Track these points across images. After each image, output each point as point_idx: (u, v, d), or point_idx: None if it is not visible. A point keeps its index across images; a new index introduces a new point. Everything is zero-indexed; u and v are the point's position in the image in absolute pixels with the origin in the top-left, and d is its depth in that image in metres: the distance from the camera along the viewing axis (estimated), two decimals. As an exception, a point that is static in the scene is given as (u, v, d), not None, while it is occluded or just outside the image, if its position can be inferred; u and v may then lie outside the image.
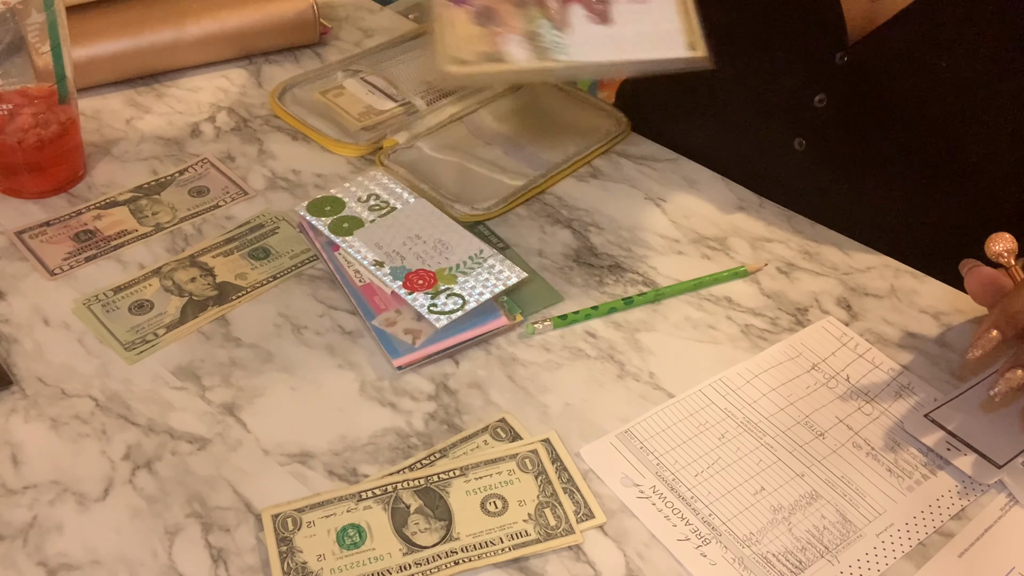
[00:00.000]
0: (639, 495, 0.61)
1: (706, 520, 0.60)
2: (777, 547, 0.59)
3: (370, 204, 0.78)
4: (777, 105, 0.86)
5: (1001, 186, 0.82)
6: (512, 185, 0.83)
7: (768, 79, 0.85)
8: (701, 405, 0.67)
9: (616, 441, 0.64)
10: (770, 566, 0.58)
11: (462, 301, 0.70)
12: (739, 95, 0.88)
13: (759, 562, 0.58)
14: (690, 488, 0.62)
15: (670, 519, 0.60)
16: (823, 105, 0.83)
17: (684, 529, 0.59)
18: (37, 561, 0.56)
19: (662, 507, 0.61)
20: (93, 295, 0.72)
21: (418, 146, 0.87)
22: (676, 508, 0.61)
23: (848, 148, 0.84)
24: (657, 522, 0.60)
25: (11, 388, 0.65)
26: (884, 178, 0.84)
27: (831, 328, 0.73)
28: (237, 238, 0.78)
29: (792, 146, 0.86)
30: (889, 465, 0.64)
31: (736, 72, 0.85)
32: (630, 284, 0.76)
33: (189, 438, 0.63)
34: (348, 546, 0.57)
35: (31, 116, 0.77)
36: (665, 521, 0.60)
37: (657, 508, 0.60)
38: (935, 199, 0.83)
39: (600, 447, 0.64)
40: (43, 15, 0.74)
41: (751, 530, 0.60)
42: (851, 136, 0.83)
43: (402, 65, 0.96)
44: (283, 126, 0.90)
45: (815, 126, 0.84)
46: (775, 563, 0.58)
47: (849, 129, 0.83)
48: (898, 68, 0.79)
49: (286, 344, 0.70)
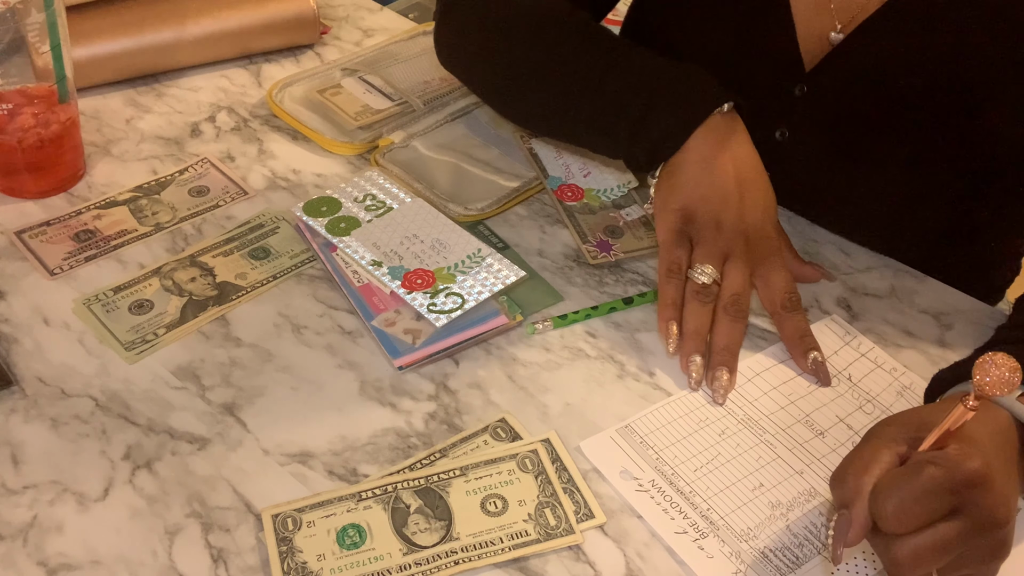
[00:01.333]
0: (638, 488, 0.61)
1: (704, 514, 0.60)
2: (775, 542, 0.59)
3: (367, 204, 0.78)
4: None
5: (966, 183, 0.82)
6: (507, 186, 0.83)
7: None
8: (702, 402, 0.67)
9: (616, 435, 0.64)
10: (767, 561, 0.58)
11: (461, 300, 0.70)
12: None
13: (756, 557, 0.58)
14: (689, 483, 0.62)
15: (668, 512, 0.60)
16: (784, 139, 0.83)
17: (682, 523, 0.59)
18: (37, 561, 0.56)
19: (660, 500, 0.61)
20: (93, 295, 0.72)
21: (414, 145, 0.87)
22: (675, 502, 0.61)
23: (830, 138, 0.84)
24: (655, 515, 0.60)
25: (11, 388, 0.65)
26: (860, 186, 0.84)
27: (834, 327, 0.73)
28: (237, 238, 0.78)
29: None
30: (888, 465, 0.64)
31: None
32: (630, 284, 0.76)
33: (189, 438, 0.63)
34: (348, 546, 0.57)
35: (31, 116, 0.77)
36: (663, 515, 0.60)
37: (656, 502, 0.61)
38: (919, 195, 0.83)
39: (600, 441, 0.64)
40: (43, 15, 0.74)
41: (749, 525, 0.60)
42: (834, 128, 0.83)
43: (401, 65, 0.96)
44: (283, 126, 0.90)
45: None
46: (772, 558, 0.58)
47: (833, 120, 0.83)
48: (859, 86, 0.79)
49: (286, 344, 0.70)
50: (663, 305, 0.70)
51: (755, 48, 0.82)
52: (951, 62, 0.75)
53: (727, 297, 0.69)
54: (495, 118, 0.91)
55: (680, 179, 0.71)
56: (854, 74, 0.79)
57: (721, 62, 0.82)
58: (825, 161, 0.84)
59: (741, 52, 0.83)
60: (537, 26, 0.78)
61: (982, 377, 0.49)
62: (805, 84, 0.81)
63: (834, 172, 0.84)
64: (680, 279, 0.70)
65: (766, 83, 0.83)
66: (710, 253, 0.70)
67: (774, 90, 0.82)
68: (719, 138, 0.70)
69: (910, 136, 0.80)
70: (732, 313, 0.69)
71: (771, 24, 0.80)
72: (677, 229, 0.71)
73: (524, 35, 0.79)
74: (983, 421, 0.55)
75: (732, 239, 0.70)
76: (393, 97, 0.92)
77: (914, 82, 0.77)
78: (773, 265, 0.71)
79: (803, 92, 0.81)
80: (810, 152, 0.84)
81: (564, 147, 0.87)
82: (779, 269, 0.71)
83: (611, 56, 0.74)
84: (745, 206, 0.70)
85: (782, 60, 0.81)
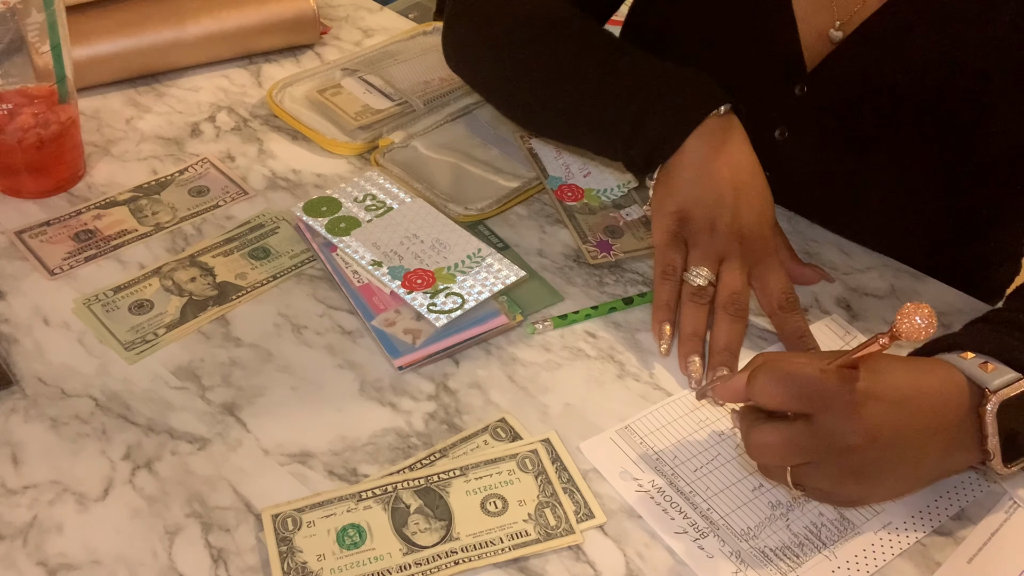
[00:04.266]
0: (638, 489, 0.61)
1: (704, 514, 0.60)
2: (775, 542, 0.59)
3: (366, 204, 0.78)
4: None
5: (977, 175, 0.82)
6: (507, 186, 0.83)
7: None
8: (702, 402, 0.67)
9: (616, 436, 0.64)
10: (767, 560, 0.58)
11: (461, 300, 0.70)
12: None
13: (756, 556, 0.58)
14: (689, 483, 0.62)
15: (668, 512, 0.60)
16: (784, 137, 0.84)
17: (682, 523, 0.60)
18: (37, 561, 0.56)
19: (660, 501, 0.61)
20: (93, 295, 0.72)
21: (414, 145, 0.87)
22: (675, 502, 0.61)
23: (829, 136, 0.83)
24: (655, 515, 0.60)
25: (11, 388, 0.65)
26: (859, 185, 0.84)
27: (833, 326, 0.73)
28: (237, 238, 0.78)
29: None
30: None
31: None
32: (630, 284, 0.76)
33: (189, 438, 0.63)
34: (348, 546, 0.57)
35: (31, 116, 0.77)
36: (663, 515, 0.60)
37: (656, 502, 0.61)
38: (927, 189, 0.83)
39: (600, 442, 0.64)
40: (43, 15, 0.74)
41: (749, 525, 0.60)
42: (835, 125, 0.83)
43: (401, 65, 0.96)
44: (283, 126, 0.90)
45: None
46: (772, 557, 0.58)
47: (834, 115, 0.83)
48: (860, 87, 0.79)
49: (286, 344, 0.70)
50: (657, 307, 0.70)
51: (756, 46, 0.82)
52: (952, 61, 0.75)
53: (725, 296, 0.69)
54: (495, 118, 0.91)
55: (676, 182, 0.71)
56: (855, 74, 0.79)
57: (722, 60, 0.82)
58: (825, 161, 0.84)
59: (742, 51, 0.83)
60: (540, 30, 0.79)
61: (901, 320, 0.53)
62: (806, 84, 0.81)
63: (834, 172, 0.84)
64: (675, 281, 0.70)
65: (766, 82, 0.83)
66: (705, 255, 0.70)
67: (774, 89, 0.82)
68: (716, 141, 0.70)
69: (910, 136, 0.79)
70: (732, 312, 0.69)
71: (773, 22, 0.80)
72: (672, 231, 0.71)
73: (527, 40, 0.79)
74: (926, 373, 0.58)
75: (727, 241, 0.70)
76: (393, 97, 0.92)
77: (915, 81, 0.77)
78: (769, 266, 0.71)
79: (803, 92, 0.81)
80: (810, 152, 0.84)
81: (564, 147, 0.87)
82: (775, 270, 0.71)
83: (611, 60, 0.75)
84: (741, 208, 0.70)
85: (783, 59, 0.81)
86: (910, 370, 0.58)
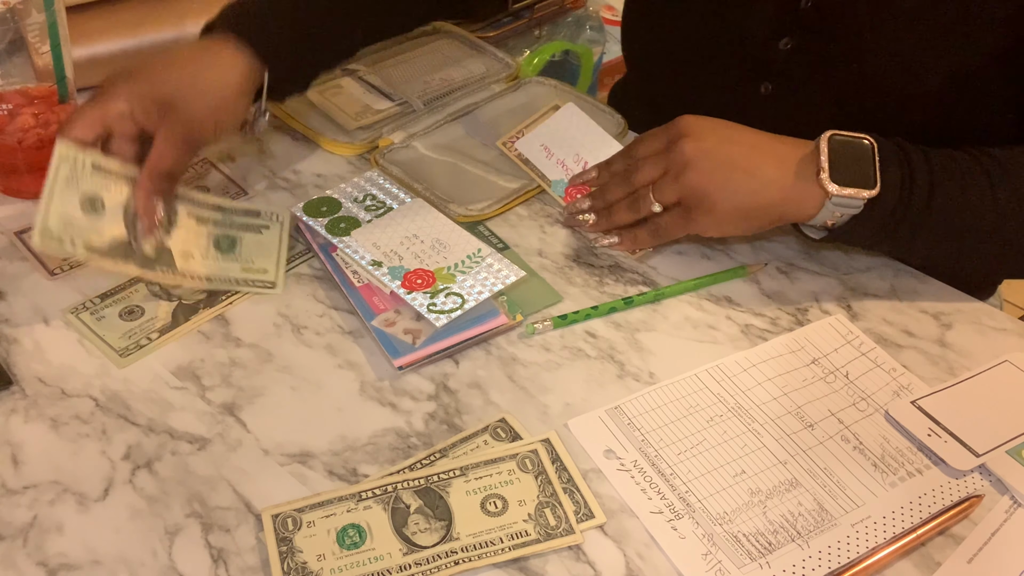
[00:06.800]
0: (619, 467, 0.62)
1: (682, 496, 0.61)
2: (749, 528, 0.59)
3: (366, 204, 0.78)
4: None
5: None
6: (507, 187, 0.83)
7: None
8: (694, 388, 0.68)
9: (604, 416, 0.65)
10: (739, 544, 0.58)
11: (461, 300, 0.70)
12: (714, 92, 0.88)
13: (728, 540, 0.58)
14: (671, 465, 0.63)
15: (646, 492, 0.61)
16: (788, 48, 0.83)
17: (659, 503, 0.60)
18: (37, 561, 0.56)
19: (640, 480, 0.61)
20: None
21: (413, 145, 0.87)
22: (654, 483, 0.61)
23: (814, 93, 0.83)
24: (632, 494, 0.61)
25: (11, 388, 0.65)
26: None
27: (837, 325, 0.73)
28: (224, 210, 0.76)
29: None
30: (875, 460, 0.64)
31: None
32: (630, 284, 0.76)
33: (189, 438, 0.63)
34: (348, 546, 0.57)
35: (31, 116, 0.77)
36: (641, 494, 0.61)
37: (635, 481, 0.61)
38: None
39: (587, 420, 0.65)
40: (43, 15, 0.74)
41: (725, 509, 0.60)
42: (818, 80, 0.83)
43: (400, 65, 0.96)
44: (283, 126, 0.90)
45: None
46: (744, 542, 0.58)
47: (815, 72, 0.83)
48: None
49: (286, 344, 0.70)
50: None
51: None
52: (937, 15, 0.74)
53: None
54: (495, 118, 0.91)
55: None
56: (840, 26, 0.78)
57: (710, 13, 0.82)
58: (809, 116, 0.83)
59: (731, 3, 0.83)
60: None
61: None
62: (790, 38, 0.81)
63: (817, 127, 0.84)
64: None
65: (752, 37, 0.83)
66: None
67: (760, 44, 0.82)
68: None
69: (897, 92, 0.79)
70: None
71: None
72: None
73: None
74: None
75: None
76: (393, 97, 0.92)
77: (899, 37, 0.76)
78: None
79: (787, 46, 0.81)
80: (793, 107, 0.84)
81: (550, 144, 0.86)
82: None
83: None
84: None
85: (772, 10, 0.81)
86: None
